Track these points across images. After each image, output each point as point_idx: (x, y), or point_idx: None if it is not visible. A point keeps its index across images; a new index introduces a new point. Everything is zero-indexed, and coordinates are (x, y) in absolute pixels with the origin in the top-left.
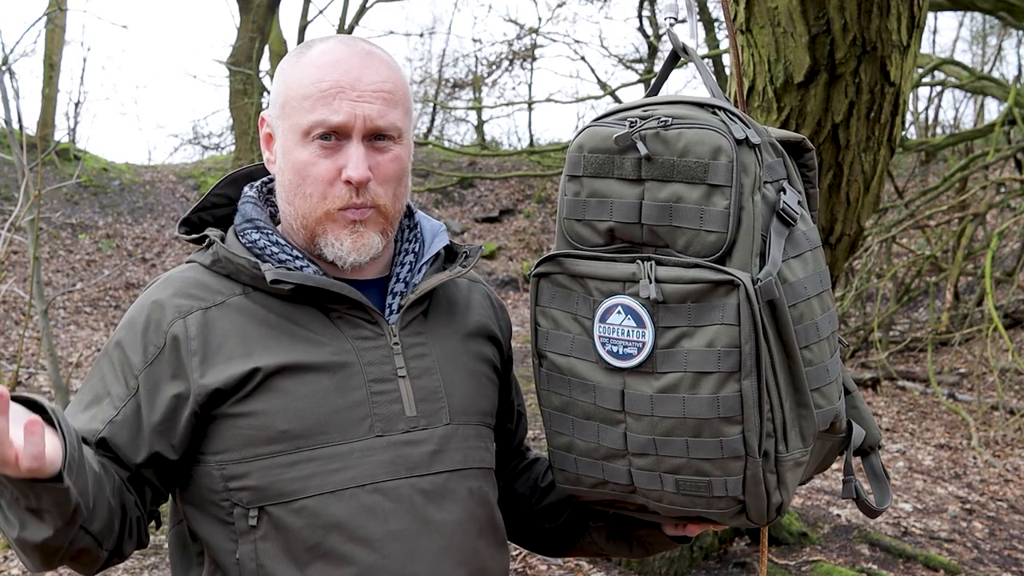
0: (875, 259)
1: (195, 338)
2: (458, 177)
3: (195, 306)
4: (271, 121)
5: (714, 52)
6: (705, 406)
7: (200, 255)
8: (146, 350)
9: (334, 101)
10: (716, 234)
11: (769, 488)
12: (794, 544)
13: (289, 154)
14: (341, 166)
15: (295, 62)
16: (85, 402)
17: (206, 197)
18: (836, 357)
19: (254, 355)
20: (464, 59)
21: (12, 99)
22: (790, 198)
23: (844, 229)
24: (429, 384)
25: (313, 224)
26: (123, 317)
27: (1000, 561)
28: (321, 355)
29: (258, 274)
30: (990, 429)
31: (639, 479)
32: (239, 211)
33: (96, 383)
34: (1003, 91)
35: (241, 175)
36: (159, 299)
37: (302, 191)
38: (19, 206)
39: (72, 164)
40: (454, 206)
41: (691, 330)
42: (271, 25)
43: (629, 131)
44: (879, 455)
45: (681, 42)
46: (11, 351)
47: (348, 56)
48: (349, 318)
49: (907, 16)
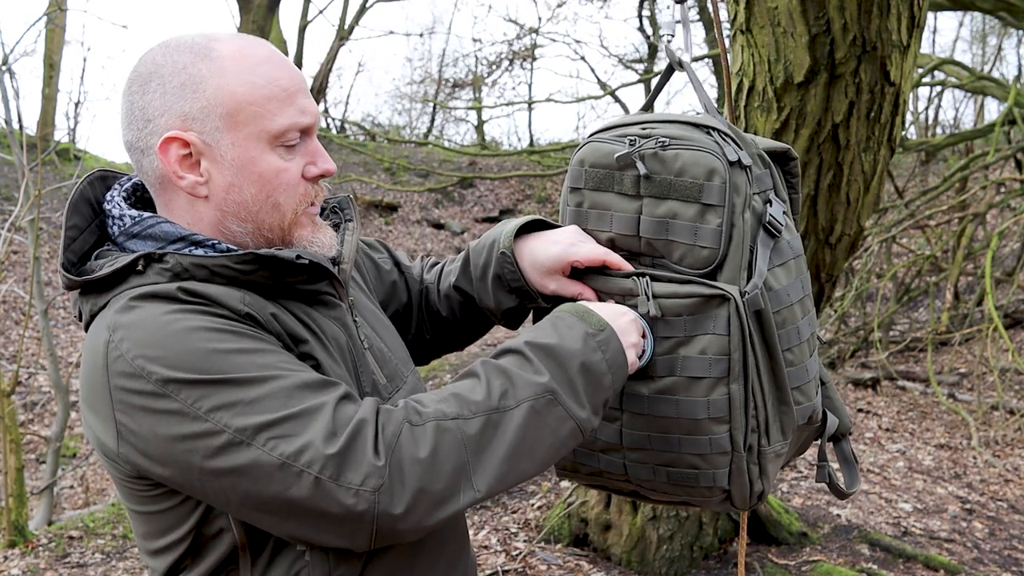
0: (875, 259)
1: (268, 320)
2: (458, 177)
3: (236, 295)
4: (197, 138)
5: (714, 52)
6: (697, 408)
7: (139, 279)
8: (242, 328)
9: (297, 100)
10: (709, 250)
11: (752, 478)
12: (794, 544)
13: (253, 165)
14: (301, 165)
15: (217, 66)
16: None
17: (64, 235)
18: (815, 356)
19: (302, 343)
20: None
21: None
22: (776, 210)
23: (844, 229)
24: (380, 348)
25: (284, 233)
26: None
27: (1000, 561)
28: (336, 340)
29: (245, 269)
30: (990, 429)
31: (633, 470)
32: (146, 236)
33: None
34: (1003, 91)
35: (78, 199)
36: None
37: (273, 202)
38: (19, 206)
39: (72, 164)
40: (454, 206)
41: (686, 339)
42: (271, 25)
43: (629, 151)
44: (849, 441)
45: (677, 57)
46: (11, 351)
47: (271, 51)
48: (327, 299)
49: (907, 16)
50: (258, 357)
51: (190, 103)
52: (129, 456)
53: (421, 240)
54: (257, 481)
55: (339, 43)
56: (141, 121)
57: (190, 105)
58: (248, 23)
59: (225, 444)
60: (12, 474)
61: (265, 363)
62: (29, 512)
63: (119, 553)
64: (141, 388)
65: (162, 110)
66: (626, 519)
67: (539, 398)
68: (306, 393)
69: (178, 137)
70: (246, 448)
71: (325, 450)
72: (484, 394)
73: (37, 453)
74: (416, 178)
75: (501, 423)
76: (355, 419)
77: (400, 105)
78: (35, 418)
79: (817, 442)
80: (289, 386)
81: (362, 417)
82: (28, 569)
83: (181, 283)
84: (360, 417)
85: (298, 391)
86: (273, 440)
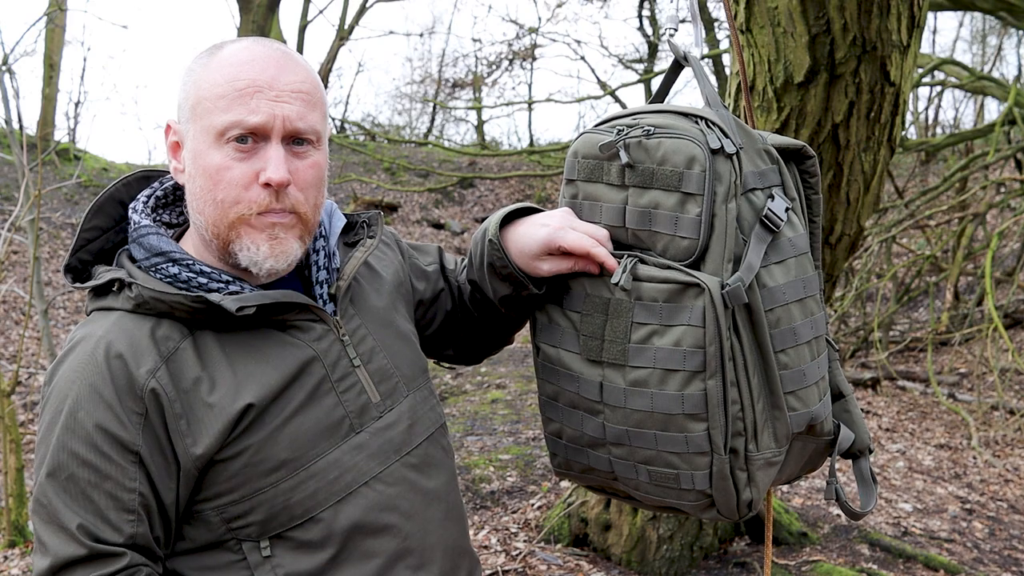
0: (875, 259)
1: (174, 398)
2: (458, 177)
3: (155, 358)
4: (178, 127)
5: (714, 52)
6: (671, 402)
7: (113, 300)
8: (129, 419)
9: (251, 100)
10: (689, 240)
11: (739, 485)
12: (794, 544)
13: (201, 158)
14: (258, 170)
15: (206, 62)
16: (66, 520)
17: (79, 236)
18: (820, 361)
19: (242, 392)
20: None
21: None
22: (777, 205)
23: (844, 229)
24: (380, 364)
25: (225, 231)
26: (52, 394)
27: (1000, 561)
28: (290, 370)
29: (199, 308)
30: (990, 429)
31: (617, 467)
32: (139, 243)
33: (74, 488)
34: (1003, 91)
35: (105, 201)
36: (112, 352)
37: (213, 197)
38: (19, 206)
39: (72, 164)
40: (454, 206)
41: (662, 328)
42: (271, 25)
43: (614, 139)
44: (868, 459)
45: (683, 51)
46: (11, 351)
47: (264, 55)
48: (299, 323)
49: (907, 16)
50: (94, 489)
51: (181, 96)
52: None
53: (421, 240)
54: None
55: (339, 43)
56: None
57: (181, 98)
58: (248, 23)
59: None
60: (12, 474)
61: (87, 501)
62: (29, 512)
63: None
64: (42, 417)
65: (176, 102)
66: (626, 519)
67: None
68: (67, 559)
69: (171, 125)
70: (39, 524)
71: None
72: None
73: None
74: (416, 178)
75: None
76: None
77: (400, 105)
78: (35, 418)
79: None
80: (64, 546)
81: None
82: (28, 569)
83: (110, 339)
84: None
85: (65, 561)
86: (39, 550)
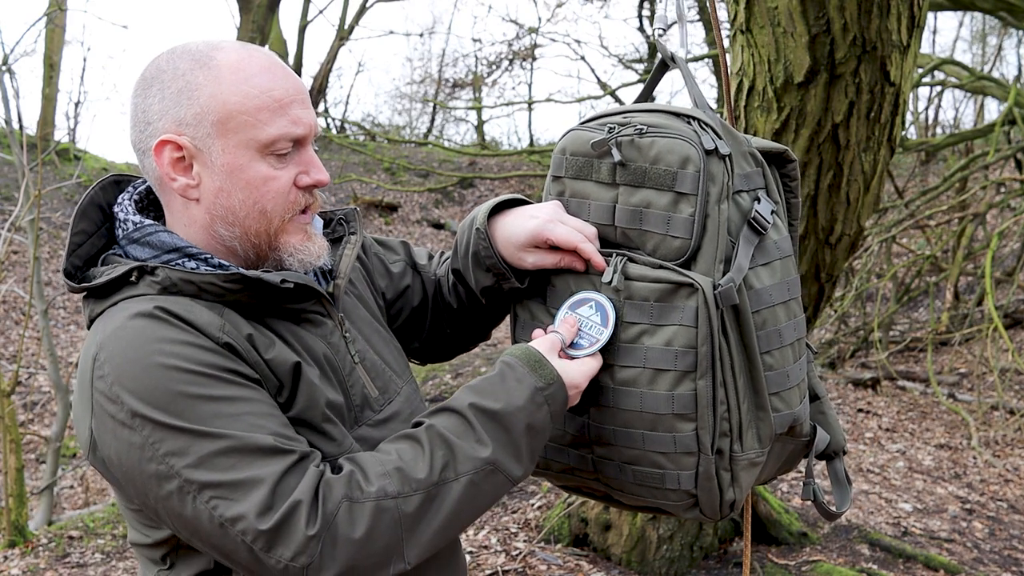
0: (875, 259)
1: (247, 350)
2: (458, 177)
3: (213, 317)
4: (188, 143)
5: (712, 53)
6: (661, 402)
7: (130, 290)
8: (228, 358)
9: (291, 111)
10: (681, 240)
11: (723, 485)
12: (794, 544)
13: (241, 172)
14: (294, 174)
15: (215, 76)
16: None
17: (70, 240)
18: (801, 363)
19: (288, 354)
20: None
21: (12, 99)
22: (764, 208)
23: (844, 229)
24: (373, 361)
25: (268, 239)
26: (123, 380)
27: (1000, 561)
28: (314, 357)
29: (230, 288)
30: (990, 429)
31: (601, 467)
32: (144, 243)
33: (237, 423)
34: (1003, 91)
35: (87, 205)
36: (173, 313)
37: (260, 208)
38: (19, 206)
39: (72, 164)
40: (454, 206)
41: (652, 328)
42: (271, 25)
43: (606, 137)
44: (843, 460)
45: (670, 52)
46: (11, 351)
47: (271, 62)
48: (312, 317)
49: (907, 16)
50: (224, 406)
51: (185, 109)
52: (100, 466)
53: (421, 240)
54: (199, 531)
55: (339, 43)
56: (143, 123)
57: (185, 111)
58: (248, 23)
59: (175, 490)
60: (12, 474)
61: (229, 415)
62: (29, 512)
63: (119, 553)
64: (115, 413)
65: (160, 114)
66: (626, 519)
67: (479, 471)
68: (255, 460)
69: (171, 140)
70: (192, 500)
71: (258, 525)
72: (426, 470)
73: (37, 453)
74: (416, 178)
75: (439, 496)
76: (293, 496)
77: (400, 105)
78: (35, 418)
79: (806, 459)
80: (241, 448)
81: (298, 498)
82: (28, 569)
83: (158, 302)
84: (296, 498)
85: (247, 456)
86: (215, 500)
